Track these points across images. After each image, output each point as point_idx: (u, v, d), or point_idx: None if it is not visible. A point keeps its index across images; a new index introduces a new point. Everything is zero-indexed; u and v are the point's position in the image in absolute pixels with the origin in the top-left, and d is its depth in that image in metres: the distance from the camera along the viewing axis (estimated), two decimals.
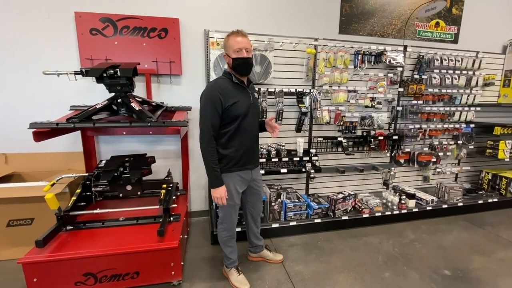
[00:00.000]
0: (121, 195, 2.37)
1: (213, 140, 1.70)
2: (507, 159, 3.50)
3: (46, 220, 2.05)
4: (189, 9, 2.63)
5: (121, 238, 1.88)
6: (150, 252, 1.80)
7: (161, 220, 2.00)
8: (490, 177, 3.63)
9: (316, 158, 2.87)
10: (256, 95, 2.11)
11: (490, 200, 3.34)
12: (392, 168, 3.22)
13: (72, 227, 1.98)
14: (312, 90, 2.85)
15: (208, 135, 1.67)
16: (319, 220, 2.72)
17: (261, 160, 2.66)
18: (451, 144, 3.50)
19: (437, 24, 3.40)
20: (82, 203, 2.19)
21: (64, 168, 2.57)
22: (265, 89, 2.71)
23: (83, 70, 1.98)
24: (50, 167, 2.53)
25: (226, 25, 2.70)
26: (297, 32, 2.87)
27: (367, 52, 2.99)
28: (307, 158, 2.82)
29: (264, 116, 2.69)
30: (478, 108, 3.45)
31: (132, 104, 2.05)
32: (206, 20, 2.68)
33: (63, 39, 2.43)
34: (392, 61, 3.00)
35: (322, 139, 3.02)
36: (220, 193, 1.72)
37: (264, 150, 2.74)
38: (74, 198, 2.06)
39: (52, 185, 2.00)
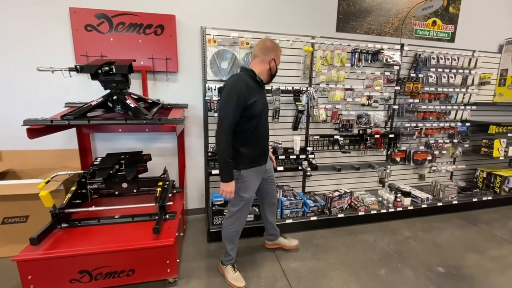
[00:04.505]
0: (116, 192, 2.37)
1: (232, 134, 1.68)
2: (502, 158, 3.53)
3: (41, 218, 2.04)
4: (186, 5, 2.61)
5: (116, 236, 1.88)
6: (145, 250, 1.80)
7: (156, 217, 2.00)
8: (484, 176, 3.67)
9: (312, 156, 2.88)
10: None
11: (484, 198, 3.37)
12: (388, 166, 3.24)
13: (67, 225, 1.97)
14: (309, 88, 2.85)
15: (228, 128, 1.65)
16: (315, 218, 2.74)
17: None
18: (446, 143, 3.52)
19: (434, 22, 3.40)
20: (78, 201, 2.17)
21: (59, 165, 2.55)
22: None
23: (78, 66, 1.96)
24: (45, 165, 2.51)
25: (222, 22, 2.69)
26: (294, 29, 2.86)
27: (364, 51, 2.99)
28: (304, 156, 2.82)
29: None
30: (474, 107, 3.47)
31: (128, 101, 2.03)
32: (203, 17, 2.67)
33: (57, 35, 2.40)
34: (389, 60, 3.01)
35: (318, 137, 3.03)
36: (231, 188, 1.73)
37: None
38: (69, 195, 2.05)
39: (47, 182, 1.99)
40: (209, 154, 2.66)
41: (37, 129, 1.84)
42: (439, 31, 3.44)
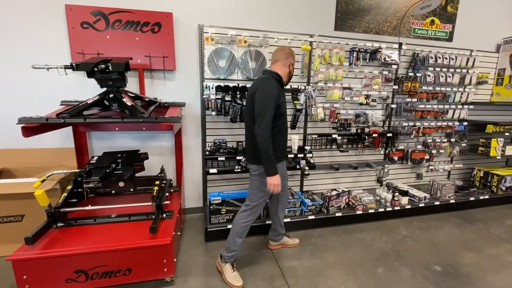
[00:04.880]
0: (113, 191, 2.35)
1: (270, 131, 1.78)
2: (499, 157, 3.54)
3: (36, 217, 2.02)
4: (183, 3, 2.59)
5: (113, 235, 1.86)
6: (142, 249, 1.78)
7: (153, 217, 1.98)
8: (482, 175, 3.68)
9: (310, 155, 2.87)
10: None
11: (481, 197, 3.39)
12: (386, 166, 3.24)
13: (63, 224, 1.95)
14: (307, 87, 2.84)
15: (269, 126, 1.75)
16: (313, 217, 2.73)
17: None
18: (444, 142, 3.53)
19: (432, 22, 3.40)
20: (74, 200, 2.16)
21: (55, 164, 2.53)
22: None
23: (74, 64, 1.94)
24: (41, 163, 2.49)
25: (220, 20, 2.67)
26: (292, 28, 2.85)
27: (362, 49, 2.98)
28: (302, 155, 2.82)
29: None
30: (471, 106, 3.48)
31: (124, 100, 2.02)
32: (200, 15, 2.65)
33: (53, 32, 2.37)
34: (387, 59, 3.01)
35: (316, 136, 3.02)
36: (277, 181, 1.81)
37: None
38: (65, 194, 2.03)
39: (43, 181, 1.96)
40: (207, 153, 2.65)
41: (32, 127, 1.82)
42: (437, 30, 3.44)
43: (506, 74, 3.59)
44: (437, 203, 3.18)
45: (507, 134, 3.48)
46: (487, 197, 3.41)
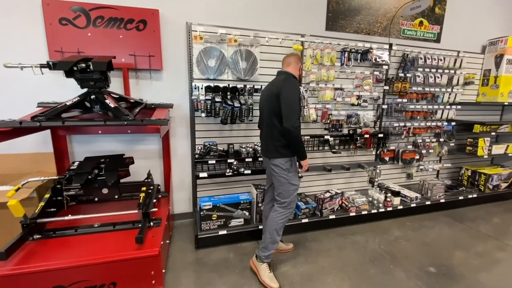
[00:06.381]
0: (96, 199, 2.21)
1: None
2: (486, 156, 3.61)
3: (10, 229, 1.85)
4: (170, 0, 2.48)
5: (95, 247, 1.73)
6: (128, 261, 1.66)
7: (140, 225, 1.87)
8: (469, 174, 3.75)
9: None
10: None
11: (470, 196, 3.44)
12: (378, 166, 3.23)
13: (40, 236, 1.80)
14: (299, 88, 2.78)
15: (298, 119, 1.92)
16: (306, 220, 2.68)
17: (247, 160, 2.58)
18: (433, 142, 3.56)
19: (421, 23, 3.43)
20: (52, 209, 2.00)
21: (32, 170, 2.35)
22: (251, 86, 2.61)
23: (50, 63, 1.80)
24: (17, 170, 2.31)
25: (209, 18, 2.58)
26: (284, 27, 2.79)
27: (353, 50, 2.96)
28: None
29: (251, 114, 2.62)
30: (459, 107, 3.53)
31: (107, 101, 1.89)
32: (189, 12, 2.54)
33: (29, 29, 2.21)
34: (378, 59, 3.00)
35: (309, 137, 2.97)
36: (307, 162, 2.05)
37: (250, 149, 2.65)
38: (42, 204, 1.87)
39: (17, 189, 1.81)
40: (196, 156, 2.54)
41: (4, 131, 1.67)
42: (426, 32, 3.48)
43: (492, 75, 3.67)
44: (428, 202, 3.20)
45: (493, 133, 3.55)
46: (475, 195, 3.47)
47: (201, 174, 2.44)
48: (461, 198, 3.39)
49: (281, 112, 1.87)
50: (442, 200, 3.28)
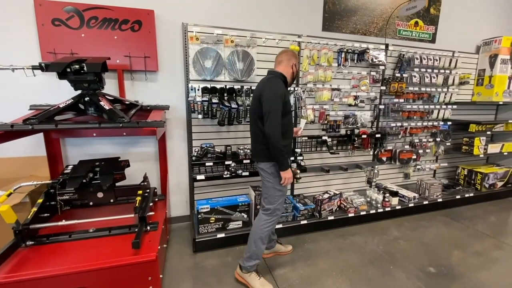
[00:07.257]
0: (91, 203, 2.16)
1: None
2: (482, 155, 3.64)
3: (3, 236, 1.80)
4: (165, 0, 2.45)
5: (91, 252, 1.68)
6: (124, 267, 1.62)
7: (136, 230, 1.82)
8: (466, 173, 3.77)
9: (301, 157, 2.80)
10: None
11: (466, 195, 3.46)
12: (376, 166, 3.23)
13: (33, 242, 1.74)
14: (296, 88, 2.77)
15: (278, 123, 1.78)
16: (305, 222, 2.66)
17: (245, 161, 2.55)
18: (430, 142, 3.58)
19: (416, 23, 3.45)
20: (46, 214, 1.95)
21: (25, 174, 2.30)
22: (248, 87, 2.59)
23: (43, 64, 1.75)
24: (8, 174, 2.25)
25: (206, 19, 2.56)
26: (280, 28, 2.78)
27: (350, 50, 2.96)
28: (293, 158, 2.74)
29: (248, 115, 2.59)
30: (455, 106, 3.55)
31: (102, 103, 1.85)
32: (184, 13, 2.51)
33: (20, 30, 2.16)
34: (374, 60, 3.00)
35: (307, 138, 2.96)
36: (290, 174, 1.86)
37: (248, 150, 2.63)
38: (34, 209, 1.82)
39: (9, 195, 1.75)
40: (193, 158, 2.51)
41: None
42: (421, 32, 3.50)
43: (486, 74, 3.70)
44: (425, 202, 3.21)
45: (488, 133, 3.58)
46: (471, 194, 3.49)
47: (198, 177, 2.40)
48: (458, 197, 3.40)
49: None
50: (440, 200, 3.29)
